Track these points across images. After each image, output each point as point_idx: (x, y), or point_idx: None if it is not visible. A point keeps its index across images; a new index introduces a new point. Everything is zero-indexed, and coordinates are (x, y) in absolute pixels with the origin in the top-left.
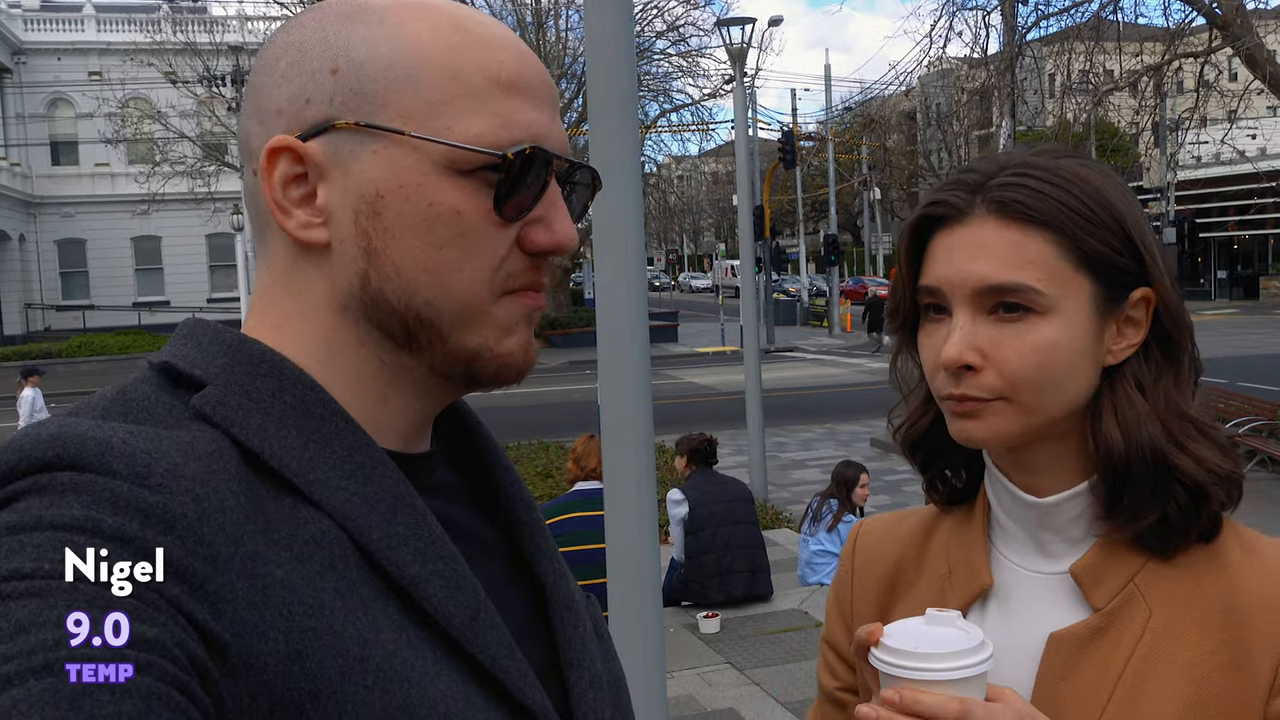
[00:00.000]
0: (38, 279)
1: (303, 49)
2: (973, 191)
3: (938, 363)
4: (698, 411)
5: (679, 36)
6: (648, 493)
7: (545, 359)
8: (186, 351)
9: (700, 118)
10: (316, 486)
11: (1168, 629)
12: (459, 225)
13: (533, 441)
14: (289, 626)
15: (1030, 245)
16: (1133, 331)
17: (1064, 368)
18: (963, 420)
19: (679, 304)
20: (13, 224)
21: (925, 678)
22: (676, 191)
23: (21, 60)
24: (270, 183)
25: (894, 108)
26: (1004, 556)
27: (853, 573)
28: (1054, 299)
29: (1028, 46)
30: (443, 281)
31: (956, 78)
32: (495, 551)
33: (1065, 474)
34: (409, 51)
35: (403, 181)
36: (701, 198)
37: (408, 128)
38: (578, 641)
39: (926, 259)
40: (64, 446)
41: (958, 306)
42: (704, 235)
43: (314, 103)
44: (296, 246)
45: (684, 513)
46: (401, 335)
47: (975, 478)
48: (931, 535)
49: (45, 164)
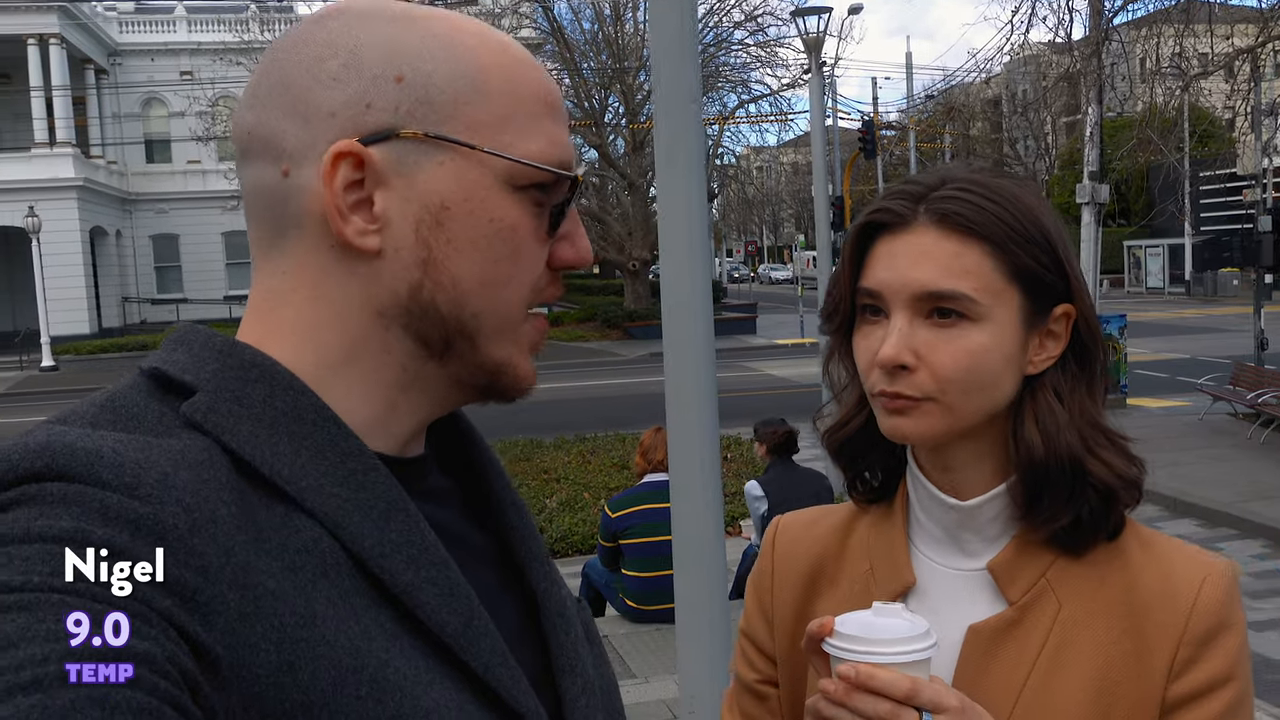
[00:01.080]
0: (134, 273)
1: (357, 52)
2: (916, 201)
3: (873, 361)
4: (774, 404)
5: (757, 26)
6: (713, 485)
7: (623, 351)
8: (177, 357)
9: (779, 108)
10: (308, 494)
11: (1076, 620)
12: (514, 240)
13: (609, 433)
14: (281, 638)
15: (968, 255)
16: (1053, 344)
17: (991, 373)
18: (894, 417)
19: (758, 295)
20: (110, 220)
21: (876, 661)
22: (755, 183)
23: (117, 62)
24: (332, 188)
25: (978, 95)
26: (923, 554)
27: (773, 567)
28: (987, 308)
29: (1115, 30)
30: (492, 294)
31: (1041, 63)
32: (487, 557)
33: (983, 474)
34: (472, 65)
35: (468, 195)
36: (781, 188)
37: (476, 141)
38: (570, 647)
39: (868, 263)
40: (53, 456)
41: (896, 309)
42: (784, 226)
43: (375, 109)
44: (334, 252)
45: (763, 509)
46: (438, 344)
47: (892, 477)
48: (850, 533)
49: (140, 162)
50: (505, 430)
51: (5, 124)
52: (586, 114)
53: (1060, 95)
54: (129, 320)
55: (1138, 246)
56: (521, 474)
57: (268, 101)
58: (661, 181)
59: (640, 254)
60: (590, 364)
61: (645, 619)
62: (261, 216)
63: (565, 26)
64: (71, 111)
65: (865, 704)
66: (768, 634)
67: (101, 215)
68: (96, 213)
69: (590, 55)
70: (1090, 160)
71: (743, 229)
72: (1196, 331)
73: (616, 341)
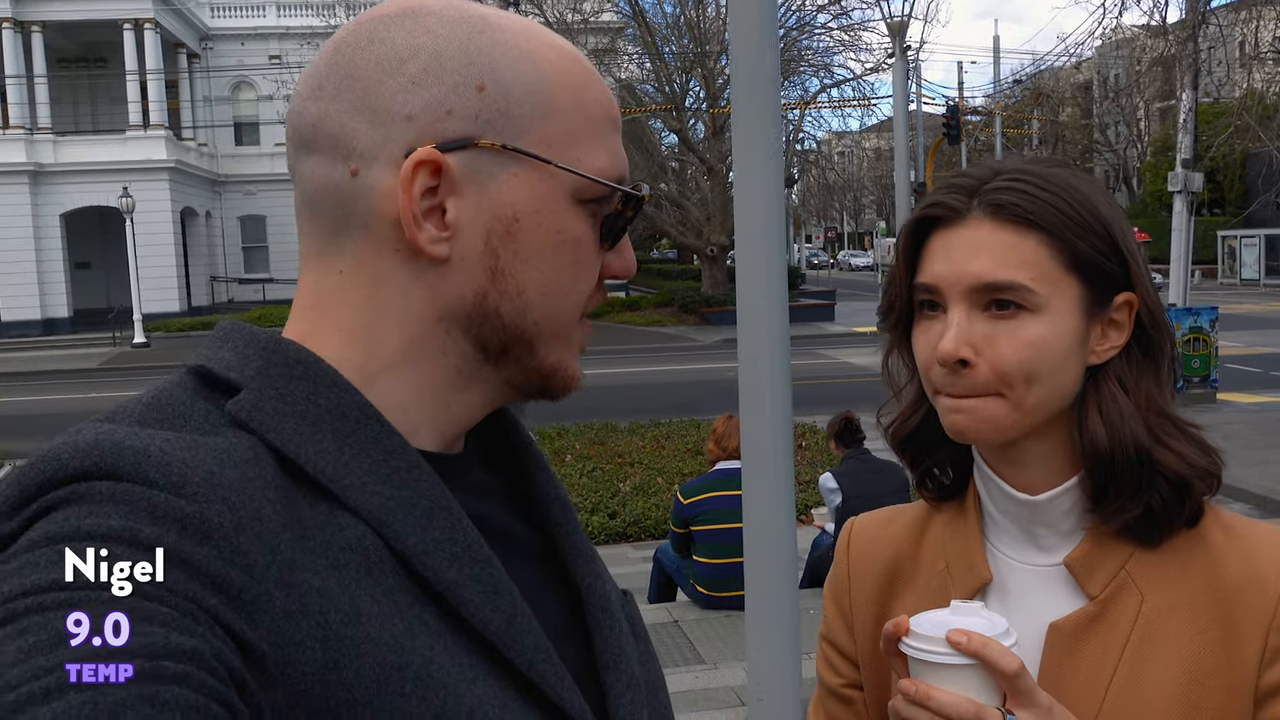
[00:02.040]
0: (222, 253)
1: (439, 57)
2: (969, 194)
3: (932, 357)
4: (850, 392)
5: (841, 10)
6: (785, 474)
7: (699, 336)
8: (222, 354)
9: (861, 93)
10: (352, 492)
11: (1160, 612)
12: (577, 252)
13: (683, 419)
14: (326, 635)
15: (1024, 246)
16: (1115, 334)
17: (1052, 364)
18: (956, 416)
19: (837, 282)
20: (200, 201)
21: (955, 662)
22: (837, 168)
23: (209, 46)
24: (410, 194)
25: (1067, 80)
26: (999, 551)
27: (849, 571)
28: (1045, 298)
29: (1212, 13)
30: (554, 303)
31: (1134, 48)
32: (531, 553)
33: (1053, 469)
34: (549, 80)
35: (539, 207)
36: (863, 174)
37: (550, 155)
38: (614, 643)
39: (923, 258)
40: (101, 455)
41: (953, 303)
42: (865, 212)
43: (456, 116)
44: (400, 256)
45: (837, 502)
46: (496, 350)
47: (963, 474)
48: (925, 531)
49: (229, 144)
50: (579, 414)
51: (101, 107)
52: (667, 98)
53: (1154, 80)
54: (217, 299)
55: (1232, 237)
56: (596, 458)
57: (336, 95)
58: (738, 167)
59: (718, 239)
60: (666, 349)
61: (716, 605)
62: (322, 213)
63: (647, 10)
64: (164, 95)
65: (947, 703)
66: (848, 637)
67: (192, 196)
68: (187, 194)
69: (671, 39)
70: (1184, 147)
71: (823, 215)
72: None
73: (693, 327)
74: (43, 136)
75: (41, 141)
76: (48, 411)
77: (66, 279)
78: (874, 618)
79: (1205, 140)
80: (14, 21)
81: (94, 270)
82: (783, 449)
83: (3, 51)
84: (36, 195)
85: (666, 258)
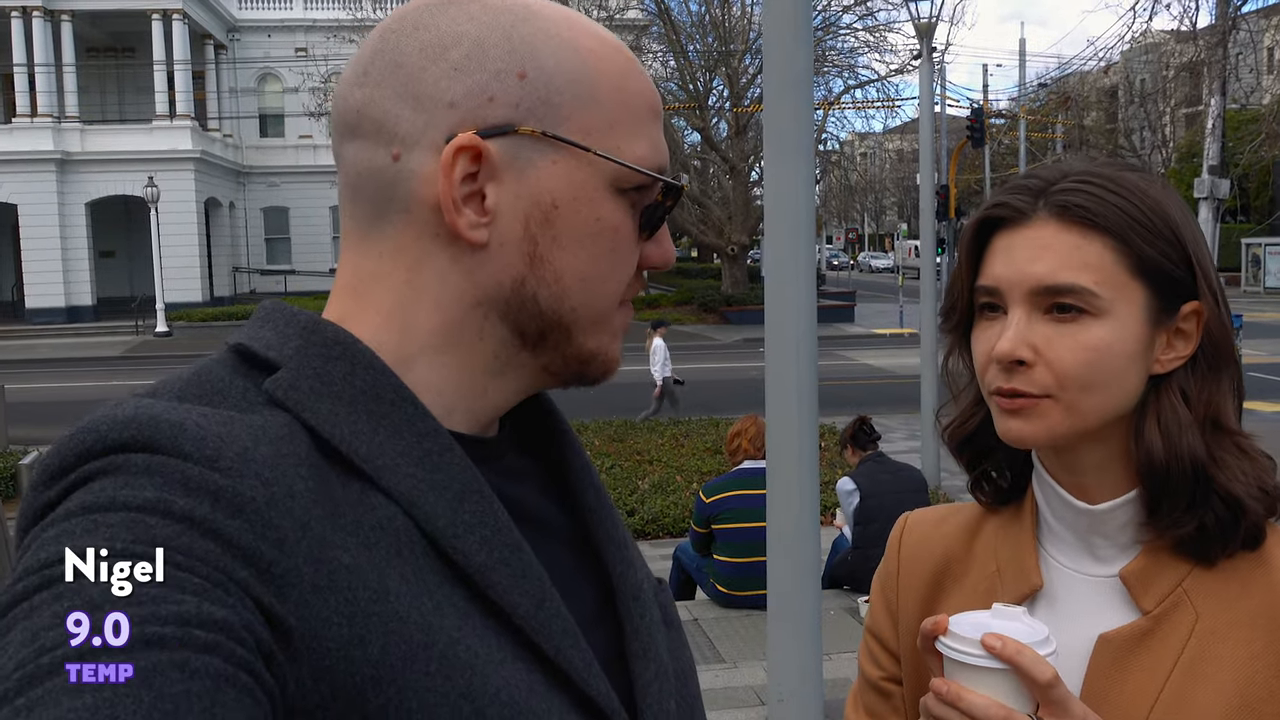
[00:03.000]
0: (245, 244)
1: (482, 44)
2: (1036, 195)
3: (990, 356)
4: (871, 394)
5: (866, 11)
6: (809, 473)
7: (720, 335)
8: (263, 333)
9: (886, 94)
10: (385, 472)
11: (1215, 632)
12: (615, 240)
13: (702, 418)
14: (353, 611)
15: (1089, 248)
16: (1182, 344)
17: (1112, 370)
18: (1010, 419)
19: (857, 284)
20: (224, 192)
21: (988, 665)
22: (859, 169)
23: (236, 37)
24: (451, 179)
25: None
26: (1052, 558)
27: (899, 566)
28: (1108, 302)
29: (1243, 18)
30: (592, 290)
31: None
32: (564, 538)
33: (1112, 479)
34: (591, 69)
35: (577, 195)
36: (885, 175)
37: (589, 143)
38: (644, 631)
39: (986, 259)
40: (139, 428)
41: (1014, 304)
42: (886, 214)
43: (498, 103)
44: (439, 240)
45: (855, 503)
46: (534, 335)
47: (1021, 478)
48: (978, 533)
49: (254, 136)
50: (599, 411)
51: (128, 96)
52: (691, 96)
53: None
54: (239, 290)
55: (1257, 244)
56: (615, 455)
57: (381, 82)
58: (769, 167)
59: (739, 238)
60: (686, 347)
61: (736, 604)
62: (363, 197)
63: (672, 8)
64: (191, 85)
65: (977, 705)
66: (892, 631)
67: (216, 187)
68: (211, 184)
69: (696, 37)
70: (1211, 154)
71: (844, 216)
72: None
73: (713, 325)
74: (70, 125)
75: (69, 130)
76: (71, 399)
77: (91, 267)
78: (919, 615)
79: (1233, 147)
80: (44, 10)
81: (118, 259)
82: (808, 450)
83: (33, 40)
84: (63, 184)
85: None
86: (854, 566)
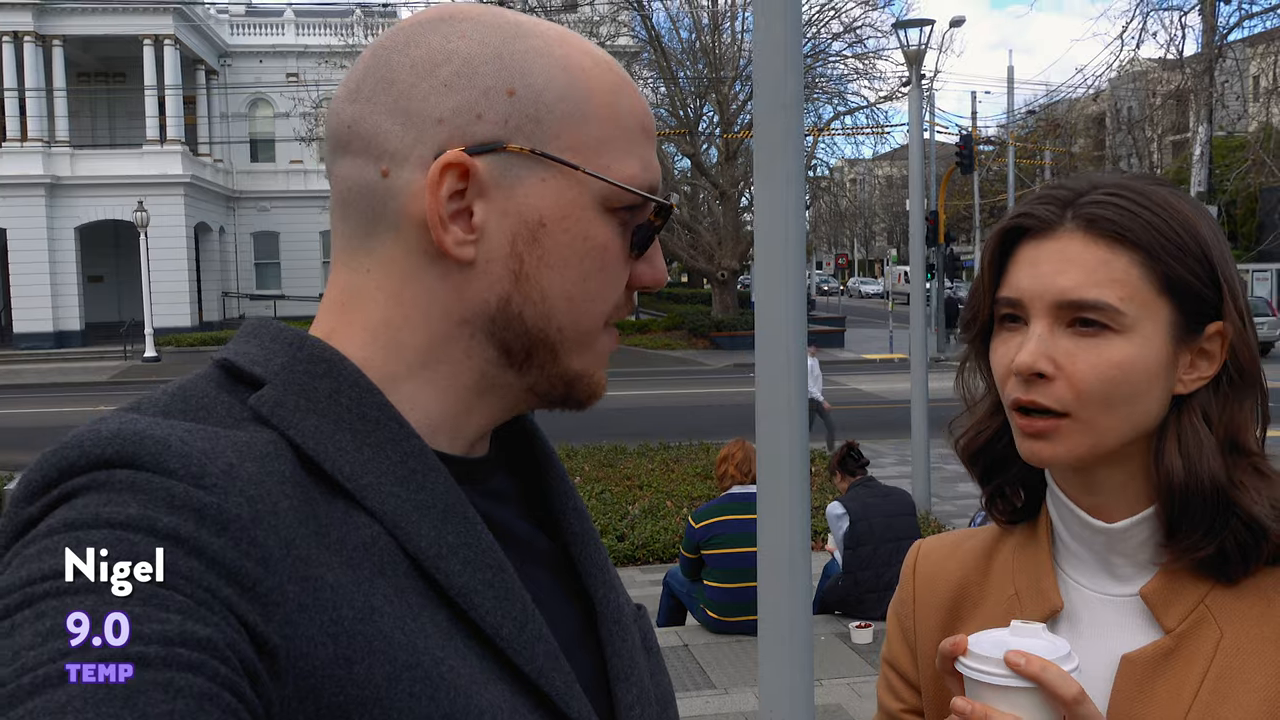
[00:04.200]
0: (235, 269)
1: (471, 61)
2: (1063, 206)
3: (1010, 368)
4: (861, 419)
5: (856, 38)
6: (800, 497)
7: (709, 360)
8: (248, 349)
9: (875, 120)
10: (368, 491)
11: (1240, 649)
12: (603, 260)
13: (693, 443)
14: (338, 631)
15: (1115, 263)
16: (1205, 364)
17: (1134, 388)
18: (1032, 440)
19: (847, 309)
20: (214, 217)
21: (1012, 684)
22: (849, 195)
23: (227, 63)
24: (437, 196)
25: (1080, 111)
26: (1071, 579)
27: (914, 594)
28: (1133, 319)
29: (1229, 48)
30: (578, 310)
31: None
32: (547, 560)
33: (1130, 498)
34: (581, 87)
35: (566, 213)
36: (874, 201)
37: (578, 161)
38: (626, 655)
39: (1009, 269)
40: (123, 444)
41: (1036, 316)
42: (876, 240)
43: (486, 120)
44: (426, 257)
45: (845, 528)
46: (520, 354)
47: (1035, 496)
48: (994, 556)
49: (245, 160)
50: (590, 435)
51: (119, 121)
52: (681, 122)
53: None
54: (228, 314)
55: (1244, 270)
56: (605, 480)
57: (372, 98)
58: (760, 193)
59: (729, 263)
60: (675, 372)
61: (726, 630)
62: (353, 213)
63: (663, 35)
64: (182, 110)
65: None
66: (911, 662)
67: (206, 212)
68: (202, 209)
69: (686, 64)
70: (1198, 180)
71: (833, 241)
72: None
73: (702, 350)
74: (60, 149)
75: (59, 154)
76: (58, 424)
77: (79, 292)
78: (938, 643)
79: (1220, 174)
80: (36, 35)
81: (107, 284)
82: (799, 475)
83: (24, 64)
84: (52, 208)
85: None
86: (844, 591)
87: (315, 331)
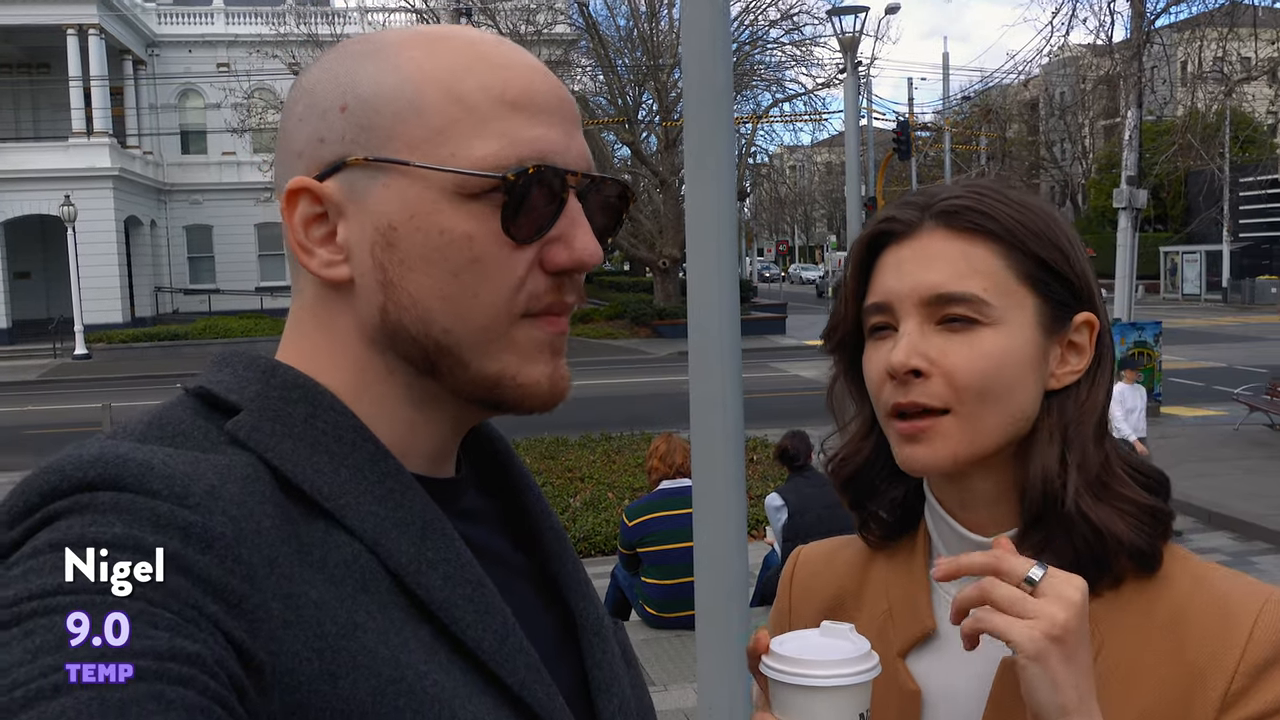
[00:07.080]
0: (167, 263)
1: (314, 91)
2: (922, 209)
3: (884, 372)
4: (801, 405)
5: (793, 25)
6: (736, 491)
7: (651, 349)
8: (221, 377)
9: (813, 107)
10: (348, 511)
11: (1119, 658)
12: (471, 251)
13: (635, 433)
14: (323, 646)
15: (976, 254)
16: (1076, 358)
17: (1009, 380)
18: (909, 445)
19: (788, 295)
20: (145, 210)
21: (808, 684)
22: (788, 182)
23: (155, 52)
24: (292, 224)
25: (1014, 97)
26: (948, 596)
27: (790, 605)
28: (1000, 310)
29: (1157, 33)
30: (459, 308)
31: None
32: (525, 576)
33: (1004, 511)
34: (411, 81)
35: (413, 211)
36: (814, 188)
37: (413, 157)
38: (607, 667)
39: (874, 275)
40: (105, 467)
41: (905, 316)
42: (815, 226)
43: (328, 142)
44: (323, 285)
45: (783, 519)
46: (424, 364)
47: (911, 513)
48: (870, 567)
49: (175, 153)
50: (529, 428)
51: (43, 113)
52: (620, 111)
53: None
54: (161, 310)
55: (1174, 252)
56: (546, 472)
57: (277, 147)
58: (690, 181)
59: (670, 252)
60: (617, 361)
61: (666, 625)
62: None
63: (600, 22)
64: (109, 102)
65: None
66: None
67: (136, 205)
68: (131, 202)
69: (625, 52)
70: (1129, 165)
71: (774, 228)
72: (1233, 340)
73: (645, 339)
74: None
75: None
76: None
77: (5, 289)
78: None
79: (1150, 158)
80: None
81: (34, 280)
82: (734, 467)
83: None
84: None
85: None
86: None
87: (282, 357)
